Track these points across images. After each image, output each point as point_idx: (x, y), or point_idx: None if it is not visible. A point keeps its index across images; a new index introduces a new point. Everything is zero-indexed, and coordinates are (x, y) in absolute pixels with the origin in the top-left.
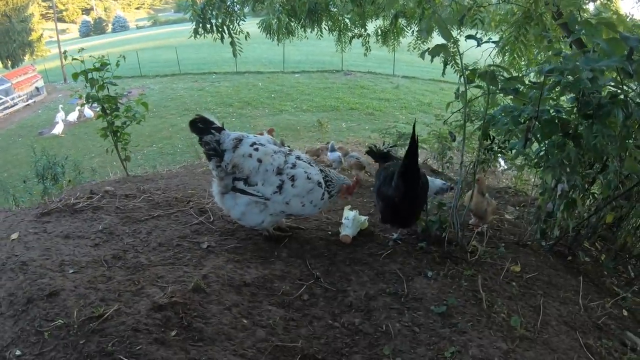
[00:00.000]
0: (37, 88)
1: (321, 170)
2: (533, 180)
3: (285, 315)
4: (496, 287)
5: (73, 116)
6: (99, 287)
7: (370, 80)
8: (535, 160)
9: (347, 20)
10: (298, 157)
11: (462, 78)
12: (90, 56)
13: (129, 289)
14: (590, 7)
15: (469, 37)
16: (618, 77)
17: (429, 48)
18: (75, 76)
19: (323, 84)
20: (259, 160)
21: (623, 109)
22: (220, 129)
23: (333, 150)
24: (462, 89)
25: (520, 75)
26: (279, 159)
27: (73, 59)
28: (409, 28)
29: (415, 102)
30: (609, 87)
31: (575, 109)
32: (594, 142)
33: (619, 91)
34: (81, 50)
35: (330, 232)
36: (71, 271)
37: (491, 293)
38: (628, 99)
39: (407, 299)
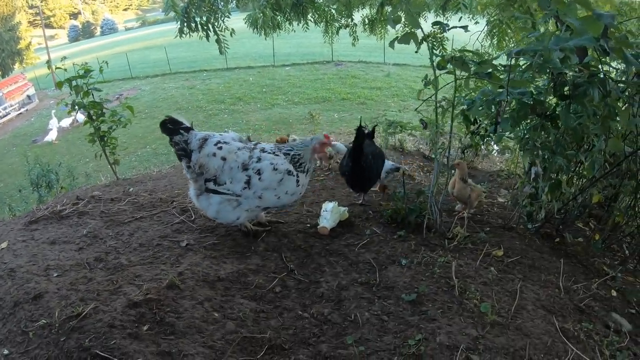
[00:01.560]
0: (28, 96)
1: (287, 152)
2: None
3: (256, 307)
4: (471, 273)
5: (66, 122)
6: (79, 288)
7: (361, 70)
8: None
9: (334, 11)
10: (263, 150)
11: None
12: (74, 63)
13: (107, 288)
14: None
15: (435, 23)
16: (596, 56)
17: (397, 37)
18: (59, 84)
19: (314, 76)
20: (223, 159)
21: (600, 88)
22: (188, 129)
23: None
24: (431, 76)
25: (490, 58)
26: (243, 155)
27: (56, 68)
28: (402, 9)
29: (407, 90)
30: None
31: (551, 90)
32: (573, 123)
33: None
34: (64, 58)
35: (309, 225)
36: (55, 275)
37: (465, 279)
38: (606, 77)
39: (378, 288)
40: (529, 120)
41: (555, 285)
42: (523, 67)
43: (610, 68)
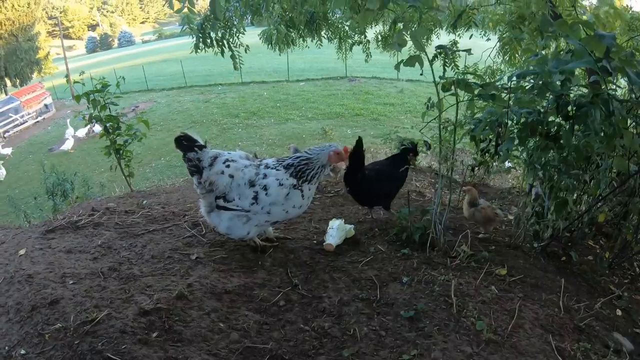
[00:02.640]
0: (45, 105)
1: (289, 165)
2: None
3: (260, 319)
4: (471, 292)
5: (82, 132)
6: (94, 295)
7: (374, 86)
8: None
9: (347, 28)
10: (266, 166)
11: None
12: (91, 77)
13: (120, 296)
14: (593, 0)
15: (438, 47)
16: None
17: (402, 60)
18: (77, 98)
19: (328, 91)
20: (231, 176)
21: (602, 108)
22: (202, 147)
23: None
24: (435, 98)
25: (493, 81)
26: (249, 172)
27: (75, 82)
28: (407, 33)
29: (420, 106)
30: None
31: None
32: (576, 143)
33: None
34: (82, 72)
35: (315, 242)
36: (71, 282)
37: (464, 298)
38: (610, 96)
39: (378, 304)
40: (535, 140)
41: (556, 305)
42: (527, 87)
43: (617, 87)
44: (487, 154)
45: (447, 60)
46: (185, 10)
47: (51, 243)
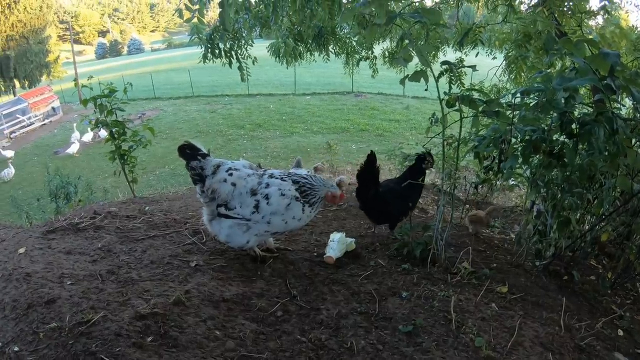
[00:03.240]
0: (53, 108)
1: (296, 181)
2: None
3: (257, 329)
4: (471, 308)
5: (88, 137)
6: (91, 297)
7: (380, 102)
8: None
9: (354, 43)
10: (271, 176)
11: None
12: (100, 82)
13: (117, 299)
14: (599, 20)
15: (444, 62)
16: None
17: (407, 75)
18: (84, 102)
19: (334, 106)
20: (233, 184)
21: (606, 126)
22: (205, 156)
23: (299, 166)
24: (439, 114)
25: (497, 97)
26: (252, 181)
27: (83, 86)
28: (413, 49)
29: (425, 123)
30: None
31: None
32: (580, 162)
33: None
34: (90, 77)
35: (315, 254)
36: (69, 283)
37: (464, 314)
38: (614, 115)
39: (377, 318)
40: (538, 158)
41: (557, 323)
42: (531, 105)
43: (622, 105)
44: (490, 172)
45: (453, 77)
46: (195, 20)
47: (51, 243)
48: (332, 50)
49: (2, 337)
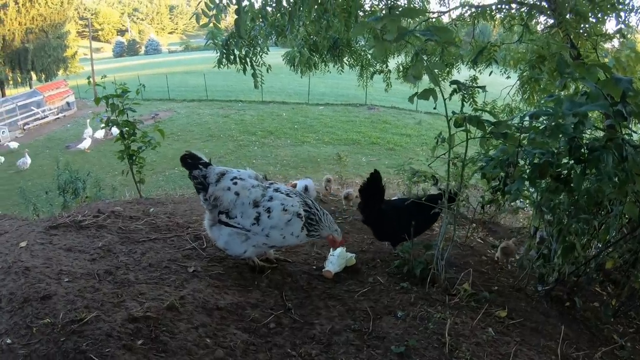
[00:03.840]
0: (68, 103)
1: (310, 209)
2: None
3: (248, 339)
4: (466, 332)
5: (100, 133)
6: (86, 296)
7: (393, 116)
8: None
9: (369, 56)
10: (277, 190)
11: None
12: (114, 81)
13: (111, 300)
14: (615, 44)
15: (453, 82)
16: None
17: (417, 92)
18: (97, 101)
19: (346, 117)
20: (237, 194)
21: (615, 153)
22: (207, 165)
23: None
24: (445, 134)
25: (506, 119)
26: (255, 192)
27: (96, 84)
28: (423, 67)
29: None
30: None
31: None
32: (589, 188)
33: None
34: (104, 76)
35: (314, 267)
36: (66, 280)
37: (458, 337)
38: (624, 141)
39: (370, 336)
40: (546, 181)
41: (554, 352)
42: (540, 128)
43: (634, 132)
44: (497, 192)
45: (465, 96)
46: (211, 25)
47: (53, 239)
48: (347, 62)
49: None
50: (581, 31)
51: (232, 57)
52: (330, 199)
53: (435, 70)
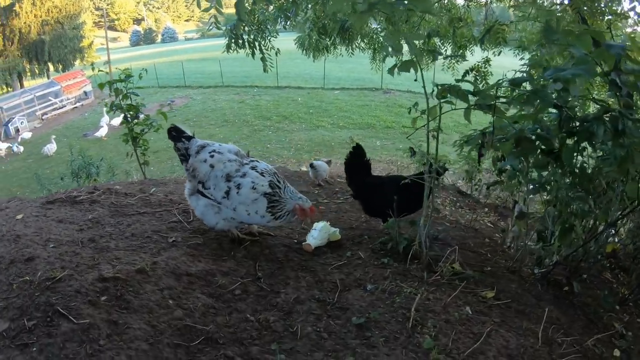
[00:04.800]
0: (85, 92)
1: (272, 186)
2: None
3: (210, 303)
4: (438, 309)
5: (117, 121)
6: (65, 258)
7: (408, 99)
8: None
9: (381, 38)
10: (254, 168)
11: (429, 94)
12: (116, 68)
13: (87, 262)
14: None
15: (429, 51)
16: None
17: (396, 64)
18: (101, 86)
19: (361, 102)
20: (212, 166)
21: (607, 126)
22: (190, 138)
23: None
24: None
25: (486, 88)
26: (230, 167)
27: (99, 71)
28: (443, 47)
29: (452, 123)
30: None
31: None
32: (585, 164)
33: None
34: (107, 62)
35: (296, 241)
36: (51, 246)
37: (427, 313)
38: (621, 114)
39: (333, 307)
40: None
41: (535, 335)
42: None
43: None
44: (503, 174)
45: (478, 77)
46: (213, 10)
47: (47, 212)
48: (357, 45)
49: None
50: (594, 10)
51: (240, 41)
52: (337, 181)
53: (416, 41)
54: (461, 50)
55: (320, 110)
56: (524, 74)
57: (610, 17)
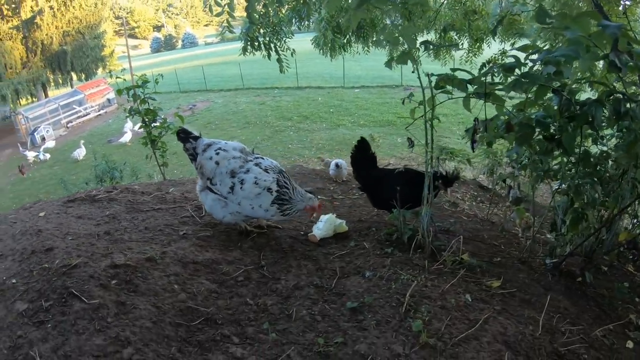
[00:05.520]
0: (108, 99)
1: (280, 185)
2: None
3: (213, 288)
4: (434, 295)
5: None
6: (81, 249)
7: (436, 96)
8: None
9: (397, 34)
10: (258, 164)
11: (429, 83)
12: (134, 75)
13: (101, 252)
14: None
15: (423, 42)
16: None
17: (393, 57)
18: (119, 92)
19: (382, 99)
20: (217, 163)
21: (605, 108)
22: (197, 138)
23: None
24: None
25: (479, 74)
26: (234, 163)
27: (117, 78)
28: (460, 40)
29: (473, 117)
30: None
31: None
32: (586, 148)
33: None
34: (123, 69)
35: (302, 233)
36: (70, 238)
37: (422, 299)
38: (624, 96)
39: (330, 292)
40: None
41: (536, 323)
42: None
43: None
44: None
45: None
46: (225, 15)
47: (68, 210)
48: (372, 43)
49: (7, 273)
50: None
51: (256, 43)
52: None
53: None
54: (478, 43)
55: (340, 109)
56: (513, 59)
57: (629, 1)
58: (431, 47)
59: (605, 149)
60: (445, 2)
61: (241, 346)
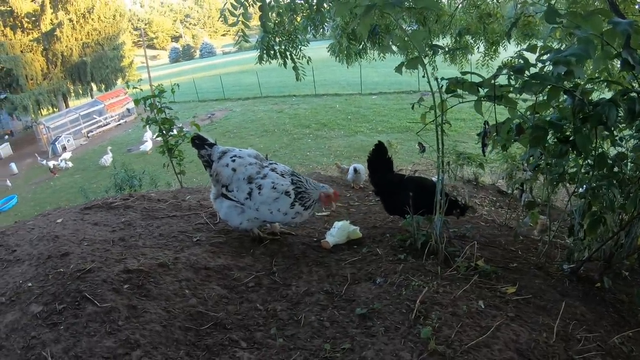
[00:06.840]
0: (128, 109)
1: (295, 182)
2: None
3: (224, 294)
4: (446, 302)
5: None
6: (96, 254)
7: (447, 101)
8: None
9: (407, 39)
10: (273, 170)
11: (439, 87)
12: (151, 85)
13: (115, 257)
14: None
15: (433, 46)
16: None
17: (403, 62)
18: (136, 102)
19: (399, 105)
20: (234, 170)
21: (618, 109)
22: (212, 145)
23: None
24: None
25: (489, 77)
26: (251, 169)
27: (133, 88)
28: (476, 44)
29: (492, 121)
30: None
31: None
32: (602, 150)
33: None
34: (140, 80)
35: (315, 239)
36: (85, 244)
37: (433, 305)
38: (639, 95)
39: (340, 299)
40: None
41: (550, 330)
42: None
43: None
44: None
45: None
46: (240, 25)
47: (84, 217)
48: (381, 49)
49: (24, 277)
50: None
51: (272, 52)
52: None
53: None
54: (494, 47)
55: (358, 116)
56: (521, 60)
57: None
58: (439, 51)
59: (622, 150)
60: (460, 5)
61: (248, 350)
